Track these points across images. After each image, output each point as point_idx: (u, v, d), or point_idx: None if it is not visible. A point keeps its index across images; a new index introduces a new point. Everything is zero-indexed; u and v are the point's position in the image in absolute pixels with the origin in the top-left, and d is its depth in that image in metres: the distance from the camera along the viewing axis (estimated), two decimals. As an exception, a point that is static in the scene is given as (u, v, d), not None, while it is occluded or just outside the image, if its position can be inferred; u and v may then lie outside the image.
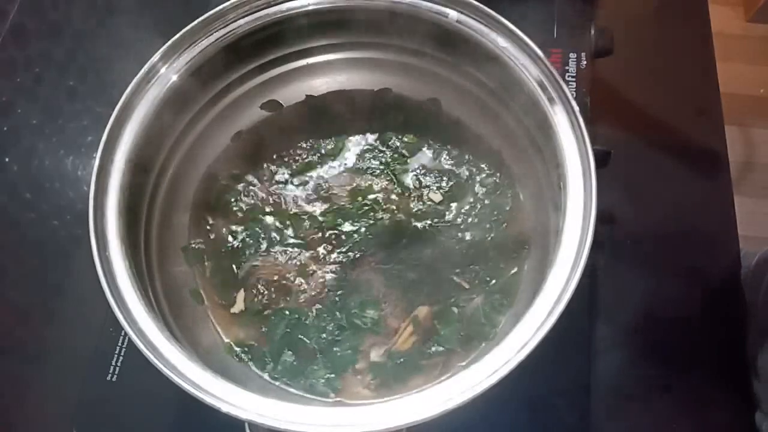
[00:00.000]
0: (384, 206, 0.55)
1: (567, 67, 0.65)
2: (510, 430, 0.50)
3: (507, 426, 0.50)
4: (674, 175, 0.61)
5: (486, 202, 0.54)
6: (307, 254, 0.53)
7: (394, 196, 0.55)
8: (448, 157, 0.56)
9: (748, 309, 0.55)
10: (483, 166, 0.55)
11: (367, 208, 0.54)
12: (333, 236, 0.54)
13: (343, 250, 0.53)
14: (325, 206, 0.55)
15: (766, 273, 0.59)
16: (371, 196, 0.55)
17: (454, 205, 0.54)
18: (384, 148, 0.57)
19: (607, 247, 0.57)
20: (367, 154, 0.57)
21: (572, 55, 0.66)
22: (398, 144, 0.57)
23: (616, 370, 0.53)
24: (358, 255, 0.53)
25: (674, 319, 0.55)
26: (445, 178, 0.55)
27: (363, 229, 0.54)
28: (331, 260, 0.53)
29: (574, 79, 0.62)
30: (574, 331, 0.52)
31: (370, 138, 0.58)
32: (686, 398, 0.52)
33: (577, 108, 0.42)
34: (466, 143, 0.55)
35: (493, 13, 0.45)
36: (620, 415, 0.52)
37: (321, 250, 0.53)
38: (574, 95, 0.44)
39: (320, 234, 0.54)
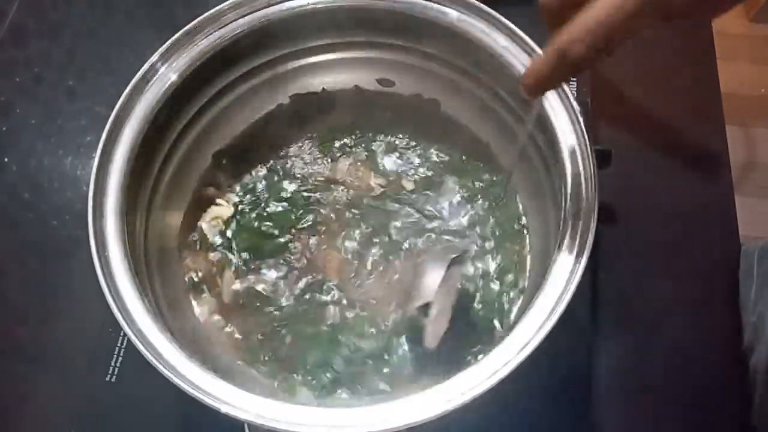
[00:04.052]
0: (376, 207, 0.54)
1: (567, 67, 0.64)
2: (509, 430, 0.50)
3: (506, 426, 0.50)
4: (675, 175, 0.61)
5: (481, 202, 0.54)
6: (302, 260, 0.53)
7: (387, 196, 0.55)
8: (444, 156, 0.56)
9: (741, 306, 0.55)
10: (480, 165, 0.55)
11: (357, 210, 0.54)
12: (328, 238, 0.53)
13: (338, 253, 0.53)
14: (320, 208, 0.55)
15: (757, 267, 0.58)
16: (365, 197, 0.55)
17: (451, 205, 0.54)
18: (381, 148, 0.57)
19: (608, 247, 0.56)
20: (365, 155, 0.57)
21: (573, 55, 0.65)
22: (395, 143, 0.57)
23: (616, 370, 0.53)
24: (353, 258, 0.52)
25: (674, 319, 0.55)
26: (442, 178, 0.55)
27: (356, 232, 0.53)
28: (326, 264, 0.52)
29: (574, 79, 0.62)
30: (575, 331, 0.52)
31: (370, 137, 0.57)
32: (686, 398, 0.52)
33: (578, 108, 0.42)
34: (464, 143, 0.55)
35: (494, 12, 0.45)
36: (621, 414, 0.52)
37: (318, 252, 0.53)
38: (575, 95, 0.44)
39: (315, 237, 0.53)
